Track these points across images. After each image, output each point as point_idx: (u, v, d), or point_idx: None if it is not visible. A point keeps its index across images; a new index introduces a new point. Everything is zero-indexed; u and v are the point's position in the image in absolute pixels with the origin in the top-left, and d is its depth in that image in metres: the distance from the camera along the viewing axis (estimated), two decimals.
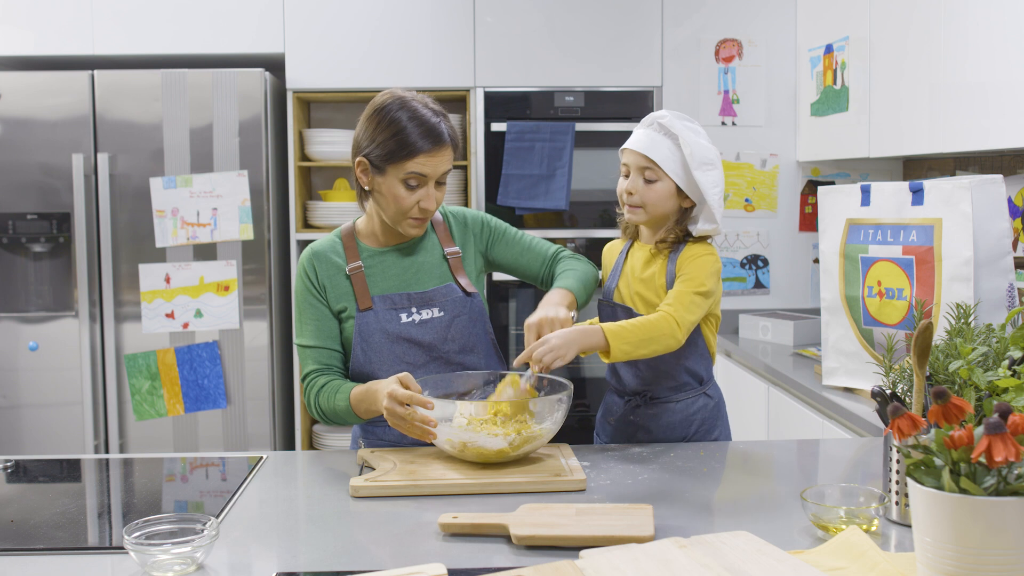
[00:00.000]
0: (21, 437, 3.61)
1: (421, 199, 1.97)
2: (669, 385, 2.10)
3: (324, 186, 4.19)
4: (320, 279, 2.04)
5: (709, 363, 2.14)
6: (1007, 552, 1.10)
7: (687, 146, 1.99)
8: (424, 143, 1.93)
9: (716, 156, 2.04)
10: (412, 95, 1.99)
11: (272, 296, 3.67)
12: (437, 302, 2.05)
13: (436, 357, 2.04)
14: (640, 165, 2.03)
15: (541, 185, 3.75)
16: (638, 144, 2.03)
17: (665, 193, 2.03)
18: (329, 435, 3.91)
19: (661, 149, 2.00)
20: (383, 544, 1.50)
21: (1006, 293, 2.35)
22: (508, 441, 1.78)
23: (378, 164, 1.96)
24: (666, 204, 2.04)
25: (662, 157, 2.00)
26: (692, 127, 2.03)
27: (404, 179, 1.94)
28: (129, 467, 2.02)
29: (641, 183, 2.03)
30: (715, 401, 2.16)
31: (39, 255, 3.60)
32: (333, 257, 2.06)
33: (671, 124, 2.01)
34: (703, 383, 2.14)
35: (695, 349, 2.09)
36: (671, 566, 1.29)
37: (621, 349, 1.88)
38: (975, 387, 1.42)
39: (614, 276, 2.16)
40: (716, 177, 2.02)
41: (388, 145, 1.93)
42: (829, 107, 3.53)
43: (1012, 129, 2.43)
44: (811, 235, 3.89)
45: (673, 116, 2.03)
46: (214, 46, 3.74)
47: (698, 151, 2.00)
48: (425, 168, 1.94)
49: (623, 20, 3.80)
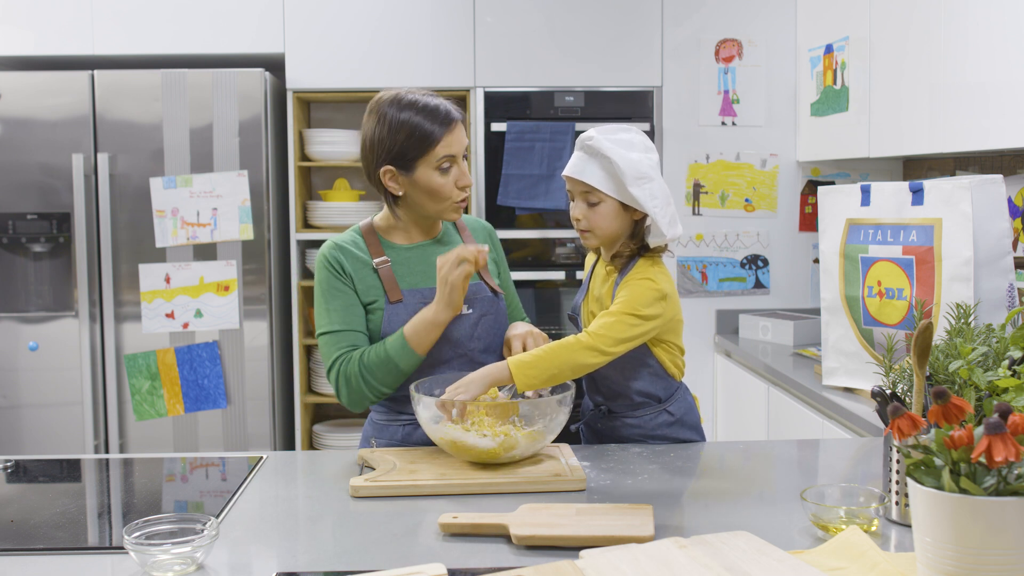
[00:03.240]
0: (21, 437, 3.61)
1: (457, 179, 2.01)
2: (624, 403, 2.09)
3: (324, 186, 4.19)
4: (346, 269, 2.03)
5: (668, 382, 2.09)
6: (1007, 552, 1.10)
7: (617, 164, 1.94)
8: (441, 126, 1.97)
9: (651, 166, 1.97)
10: (404, 89, 2.02)
11: (272, 296, 3.67)
12: (467, 298, 2.04)
13: (461, 354, 2.04)
14: (580, 190, 2.01)
15: (541, 185, 3.75)
16: (572, 170, 2.01)
17: (610, 213, 2.00)
18: (329, 435, 3.91)
19: (594, 171, 1.98)
20: (383, 544, 1.50)
21: (1006, 293, 2.35)
22: (497, 442, 1.78)
23: (406, 165, 1.98)
24: (613, 224, 2.01)
25: (597, 179, 1.97)
26: (624, 139, 1.98)
27: (437, 167, 1.98)
28: (129, 467, 2.02)
29: (585, 207, 2.01)
30: (677, 417, 2.11)
31: (39, 255, 3.60)
32: (356, 251, 2.05)
33: (599, 145, 1.96)
34: (662, 401, 2.10)
35: (645, 370, 2.06)
36: (671, 566, 1.29)
37: (526, 382, 1.87)
38: (975, 387, 1.42)
39: (582, 292, 2.17)
40: (654, 189, 1.97)
41: (410, 144, 1.96)
42: (829, 107, 3.53)
43: (1012, 129, 2.43)
44: (811, 235, 3.89)
45: (601, 135, 1.97)
46: (214, 46, 3.74)
47: (629, 168, 1.94)
48: (452, 148, 1.98)
49: (623, 20, 3.80)
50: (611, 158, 1.95)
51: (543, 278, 3.84)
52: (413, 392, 1.87)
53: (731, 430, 3.69)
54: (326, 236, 3.75)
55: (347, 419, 4.14)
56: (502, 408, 1.84)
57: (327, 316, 2.02)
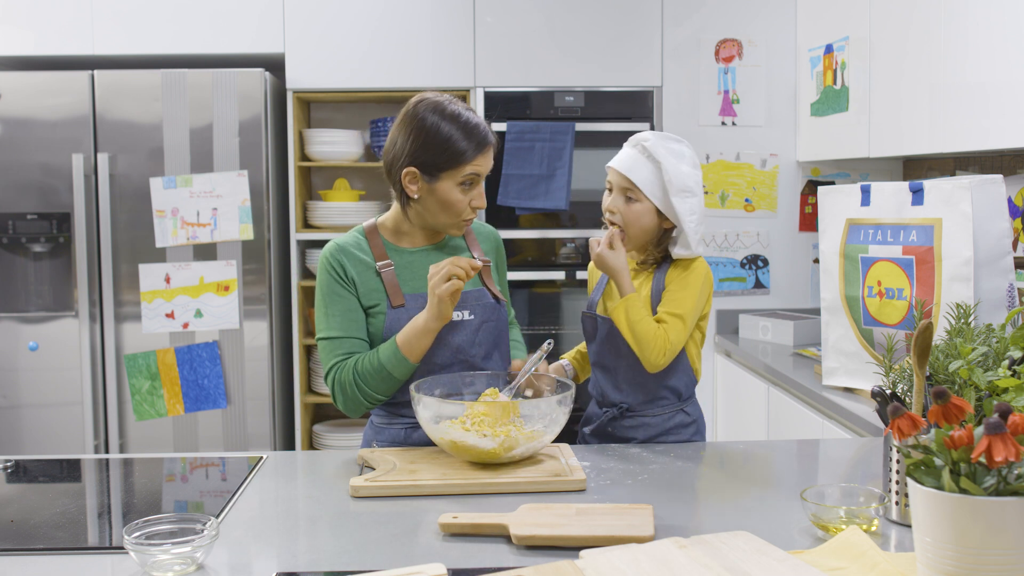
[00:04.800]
0: (21, 437, 3.61)
1: (473, 199, 2.02)
2: (646, 399, 2.11)
3: (324, 186, 4.19)
4: (348, 273, 2.03)
5: (691, 380, 2.14)
6: (1007, 552, 1.10)
7: (667, 172, 2.02)
8: (477, 147, 1.98)
9: (696, 183, 2.06)
10: (446, 98, 2.02)
11: (272, 296, 3.67)
12: (469, 305, 2.05)
13: (462, 360, 2.04)
14: (622, 185, 2.07)
15: (541, 185, 3.75)
16: (620, 164, 2.07)
17: (644, 215, 2.06)
18: (329, 435, 3.91)
19: (642, 172, 2.04)
20: (383, 544, 1.50)
21: (1006, 293, 2.35)
22: (498, 442, 1.78)
23: (431, 172, 1.98)
24: (645, 225, 2.07)
25: (642, 180, 2.04)
26: (677, 150, 2.05)
27: (461, 182, 1.99)
28: (129, 467, 2.02)
29: (621, 202, 2.07)
30: (693, 419, 2.15)
31: (39, 255, 3.60)
32: (359, 254, 2.05)
33: (654, 149, 2.03)
34: (682, 399, 2.13)
35: (677, 366, 2.10)
36: (671, 566, 1.29)
37: (622, 311, 2.00)
38: (975, 387, 1.42)
39: (598, 290, 2.19)
40: (694, 205, 2.04)
41: (442, 155, 1.96)
42: (829, 107, 3.53)
43: (1012, 129, 2.43)
44: (811, 235, 3.89)
45: (657, 140, 2.05)
46: (214, 46, 3.74)
47: (677, 178, 2.02)
48: (480, 168, 2.00)
49: (623, 20, 3.80)
50: (662, 164, 2.02)
51: (543, 278, 3.84)
52: (413, 392, 1.87)
53: (731, 430, 3.69)
54: (326, 236, 3.75)
55: (347, 419, 4.14)
56: (502, 408, 1.84)
57: (326, 321, 2.02)
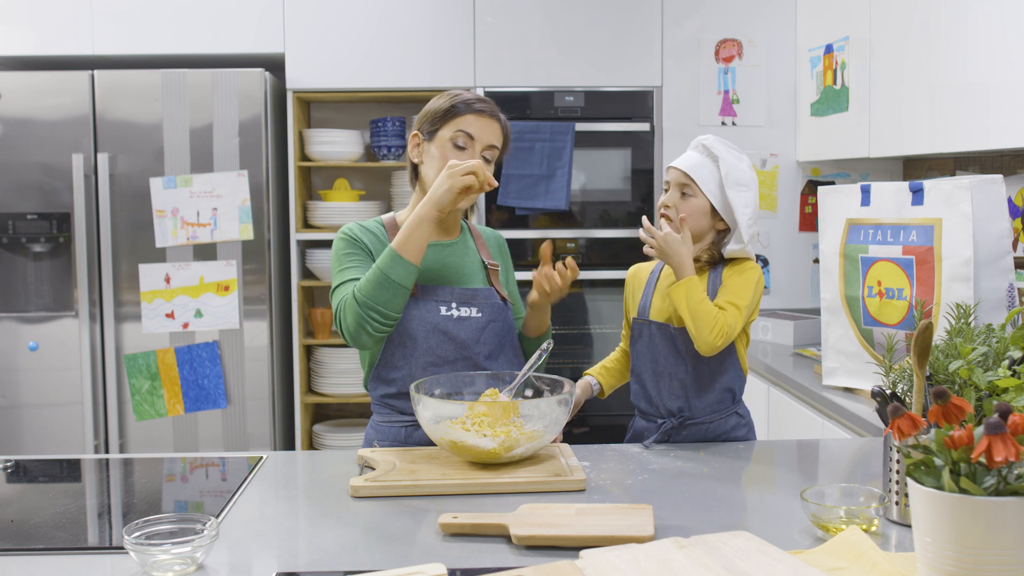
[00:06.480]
0: (21, 437, 3.61)
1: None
2: (704, 403, 2.12)
3: (324, 186, 4.19)
4: (366, 244, 2.06)
5: (743, 380, 2.18)
6: (1007, 552, 1.10)
7: (725, 165, 2.09)
8: (473, 109, 2.05)
9: (752, 180, 2.12)
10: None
11: (272, 296, 3.67)
12: (477, 302, 2.08)
13: (466, 356, 2.05)
14: (680, 182, 2.13)
15: (541, 185, 3.75)
16: (682, 163, 2.14)
17: (699, 210, 2.11)
18: (329, 435, 3.91)
19: (702, 169, 2.11)
20: (383, 544, 1.50)
21: (1006, 293, 2.35)
22: (498, 442, 1.78)
23: (429, 130, 2.06)
24: (699, 220, 2.12)
25: (701, 177, 2.11)
26: (736, 152, 2.15)
27: (452, 138, 2.03)
28: (129, 467, 2.02)
29: (678, 197, 2.13)
30: (746, 420, 2.19)
31: (39, 255, 3.60)
32: (377, 236, 2.09)
33: (712, 145, 2.12)
34: (735, 401, 2.16)
35: (731, 365, 2.13)
36: (671, 566, 1.29)
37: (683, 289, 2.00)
38: (975, 387, 1.42)
39: (647, 295, 2.21)
40: (748, 199, 2.11)
41: (440, 111, 2.05)
42: (829, 107, 3.53)
43: (1012, 129, 2.43)
44: (811, 235, 3.89)
45: (717, 140, 2.14)
46: (214, 46, 3.74)
47: (734, 172, 2.10)
48: (473, 128, 2.04)
49: (623, 20, 3.80)
50: (721, 158, 2.10)
51: None
52: (413, 392, 1.87)
53: None
54: (326, 236, 3.75)
55: (347, 419, 4.14)
56: (502, 408, 1.84)
57: (340, 272, 2.04)
